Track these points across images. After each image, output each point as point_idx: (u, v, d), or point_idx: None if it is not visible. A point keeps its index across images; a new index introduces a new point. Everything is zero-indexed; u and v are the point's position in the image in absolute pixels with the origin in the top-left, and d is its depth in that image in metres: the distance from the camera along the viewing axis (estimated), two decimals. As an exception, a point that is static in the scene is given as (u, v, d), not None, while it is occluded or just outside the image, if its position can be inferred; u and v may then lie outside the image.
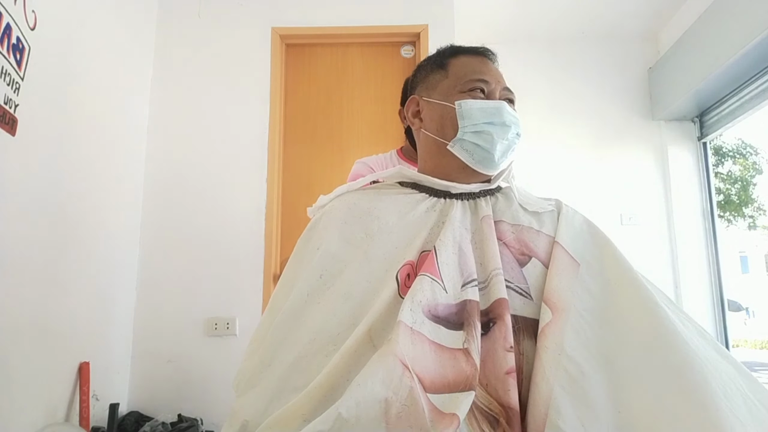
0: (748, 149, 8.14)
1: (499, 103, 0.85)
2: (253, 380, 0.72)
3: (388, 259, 0.76)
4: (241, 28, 2.76)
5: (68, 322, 1.96)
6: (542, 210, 0.86)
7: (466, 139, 0.84)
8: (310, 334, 0.71)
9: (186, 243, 2.57)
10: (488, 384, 0.64)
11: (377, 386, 0.59)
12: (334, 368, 0.65)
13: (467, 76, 0.87)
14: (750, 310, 12.68)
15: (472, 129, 0.84)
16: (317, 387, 0.64)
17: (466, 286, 0.72)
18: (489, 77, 0.87)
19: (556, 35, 3.34)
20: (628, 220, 3.15)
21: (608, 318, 0.71)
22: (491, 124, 0.84)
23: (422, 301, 0.68)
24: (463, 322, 0.68)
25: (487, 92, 0.86)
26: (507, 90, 0.89)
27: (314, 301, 0.75)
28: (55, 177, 1.89)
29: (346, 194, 0.89)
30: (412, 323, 0.65)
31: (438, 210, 0.83)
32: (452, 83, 0.88)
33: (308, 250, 0.83)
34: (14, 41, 1.63)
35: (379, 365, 0.61)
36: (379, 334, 0.67)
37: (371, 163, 1.50)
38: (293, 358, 0.70)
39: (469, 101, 0.85)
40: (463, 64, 0.90)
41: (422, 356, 0.63)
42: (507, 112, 0.85)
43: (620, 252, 0.80)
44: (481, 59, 0.91)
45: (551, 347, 0.66)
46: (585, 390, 0.63)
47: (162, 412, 2.32)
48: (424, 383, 0.61)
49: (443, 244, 0.75)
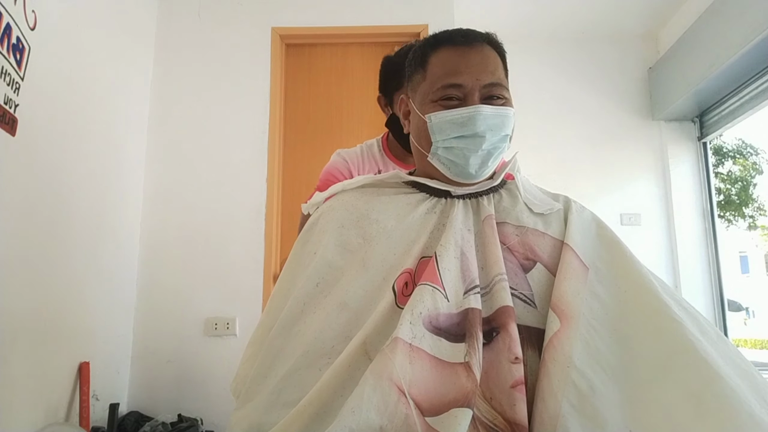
0: (748, 149, 8.13)
1: (472, 111, 0.76)
2: (251, 393, 0.71)
3: (386, 266, 0.74)
4: (241, 28, 2.76)
5: (68, 322, 1.95)
6: (548, 211, 0.81)
7: (440, 154, 0.80)
8: (304, 346, 0.69)
9: (186, 243, 2.56)
10: (492, 398, 0.62)
11: (372, 414, 0.58)
12: (325, 385, 0.64)
13: (440, 80, 0.79)
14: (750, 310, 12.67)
15: (443, 144, 0.79)
16: (307, 405, 0.63)
17: (468, 294, 0.69)
18: (464, 78, 0.78)
19: (556, 35, 3.34)
20: (628, 220, 3.15)
21: (620, 329, 0.67)
22: (462, 138, 0.77)
23: (423, 312, 0.66)
24: (464, 333, 0.66)
25: (463, 96, 0.78)
26: (490, 86, 0.79)
27: (310, 310, 0.74)
28: (55, 177, 1.89)
29: (342, 193, 0.87)
30: (412, 338, 0.64)
31: (438, 211, 0.80)
32: (428, 88, 0.81)
33: (305, 253, 0.82)
34: (14, 41, 1.63)
35: (373, 391, 0.59)
36: (375, 347, 0.65)
37: (349, 158, 1.39)
38: (286, 371, 0.69)
39: (439, 114, 0.78)
40: (441, 61, 0.81)
41: (421, 376, 0.62)
42: (481, 120, 0.76)
43: (631, 253, 0.76)
44: (461, 51, 0.80)
45: (559, 359, 0.63)
46: (595, 407, 0.60)
47: (162, 412, 2.32)
48: (423, 407, 0.59)
49: (444, 250, 0.73)
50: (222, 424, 2.36)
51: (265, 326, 0.80)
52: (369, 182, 0.87)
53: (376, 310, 0.69)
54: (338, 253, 0.78)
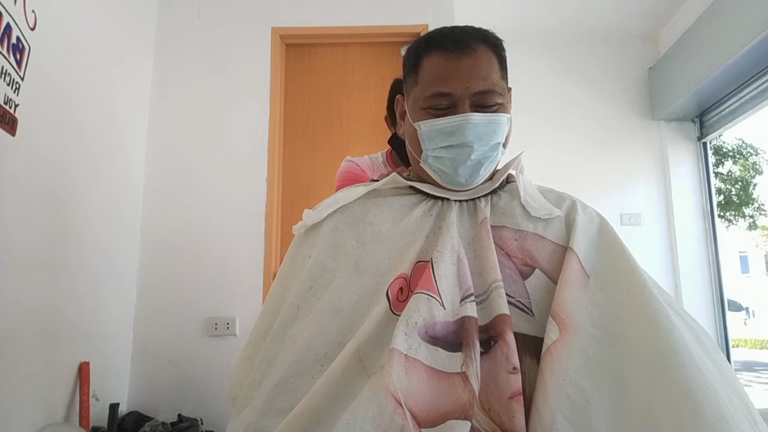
0: (748, 149, 8.15)
1: (460, 120, 0.74)
2: (247, 400, 0.71)
3: (380, 270, 0.73)
4: (241, 28, 2.76)
5: (68, 322, 1.95)
6: (546, 216, 0.79)
7: (430, 162, 0.79)
8: (297, 353, 0.69)
9: (186, 243, 2.56)
10: (491, 409, 0.61)
11: (367, 426, 0.58)
12: (317, 395, 0.63)
13: (430, 87, 0.77)
14: (750, 310, 12.71)
15: (433, 153, 0.78)
16: (299, 415, 0.62)
17: (465, 301, 0.68)
18: (453, 86, 0.75)
19: (556, 35, 3.34)
20: (629, 221, 3.15)
21: (617, 334, 0.66)
22: (450, 148, 0.76)
23: (418, 322, 0.65)
24: (461, 342, 0.65)
25: (453, 104, 0.76)
26: (481, 93, 0.76)
27: (304, 314, 0.73)
28: (55, 177, 1.89)
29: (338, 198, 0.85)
30: (407, 349, 0.63)
31: (434, 214, 0.79)
32: (418, 93, 0.79)
33: (300, 256, 0.81)
34: (14, 41, 1.63)
35: (369, 403, 0.59)
36: (370, 355, 0.65)
37: (362, 164, 1.43)
38: (279, 378, 0.68)
39: (428, 122, 0.77)
40: (432, 66, 0.78)
41: (417, 387, 0.61)
42: (470, 129, 0.74)
43: (631, 257, 0.75)
44: (452, 57, 0.77)
45: (556, 370, 0.62)
46: (589, 419, 0.59)
47: (162, 412, 2.32)
48: (419, 418, 0.59)
49: (441, 255, 0.71)
50: (222, 424, 2.36)
51: (260, 329, 0.79)
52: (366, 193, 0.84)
53: (370, 317, 0.68)
54: (331, 256, 0.77)
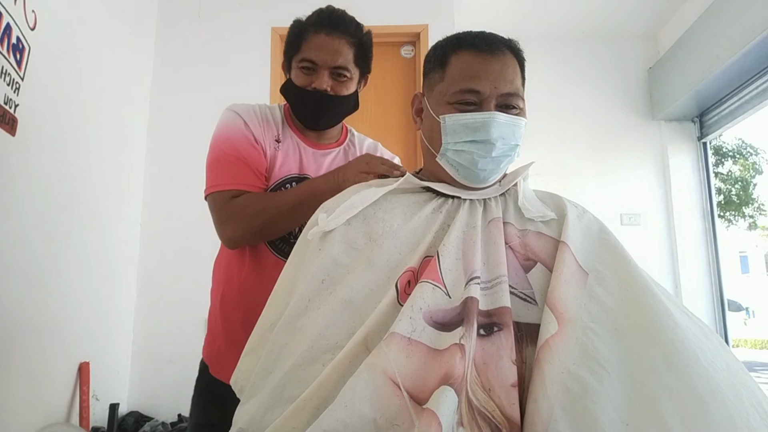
0: (748, 149, 8.14)
1: (487, 117, 0.78)
2: (255, 389, 0.72)
3: (391, 265, 0.75)
4: (241, 28, 2.76)
5: (68, 322, 1.96)
6: (539, 218, 0.81)
7: (449, 156, 0.81)
8: (308, 342, 0.70)
9: (186, 242, 2.56)
10: (491, 390, 0.63)
11: (365, 407, 0.59)
12: (325, 379, 0.64)
13: (458, 83, 0.80)
14: (750, 310, 12.71)
15: (454, 147, 0.80)
16: (308, 399, 0.63)
17: (470, 284, 0.70)
18: (482, 84, 0.79)
19: (556, 35, 3.34)
20: (629, 220, 3.15)
21: (621, 328, 0.67)
22: (474, 143, 0.79)
23: (422, 307, 0.67)
24: (462, 318, 0.67)
25: (479, 102, 0.80)
26: (507, 95, 0.81)
27: (315, 306, 0.74)
28: (55, 177, 1.89)
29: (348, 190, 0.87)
30: (411, 332, 0.64)
31: (445, 211, 0.81)
32: (445, 89, 0.82)
33: (309, 249, 0.82)
34: (14, 41, 1.63)
35: (366, 384, 0.60)
36: (376, 342, 0.66)
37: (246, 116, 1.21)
38: (289, 366, 0.69)
39: (454, 116, 0.80)
40: (461, 64, 0.82)
41: (417, 367, 0.62)
42: (495, 127, 0.78)
43: (633, 259, 0.76)
44: (483, 57, 0.81)
45: (555, 362, 0.63)
46: (587, 407, 0.60)
47: (162, 412, 2.32)
48: (418, 397, 0.60)
49: (446, 249, 0.73)
50: (222, 424, 2.36)
51: (267, 320, 0.80)
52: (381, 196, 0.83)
53: (379, 306, 0.69)
54: (344, 251, 0.78)
